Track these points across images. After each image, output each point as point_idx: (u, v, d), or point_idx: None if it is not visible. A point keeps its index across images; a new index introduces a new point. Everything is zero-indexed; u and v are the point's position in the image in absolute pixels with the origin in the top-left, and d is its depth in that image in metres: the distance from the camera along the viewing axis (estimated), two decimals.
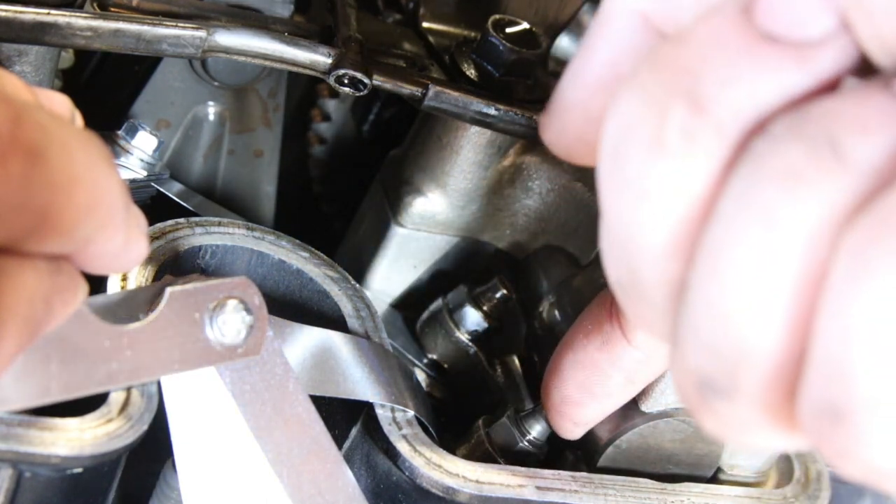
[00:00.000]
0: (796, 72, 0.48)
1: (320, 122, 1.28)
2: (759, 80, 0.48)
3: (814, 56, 0.48)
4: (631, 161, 0.50)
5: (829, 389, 0.43)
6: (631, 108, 0.51)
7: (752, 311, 0.46)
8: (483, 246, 1.11)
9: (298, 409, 0.76)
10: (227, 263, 0.90)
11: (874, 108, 0.45)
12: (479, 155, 1.06)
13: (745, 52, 0.48)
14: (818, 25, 0.47)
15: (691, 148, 0.49)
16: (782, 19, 0.48)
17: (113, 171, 0.54)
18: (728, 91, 0.48)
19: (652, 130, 0.49)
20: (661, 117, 0.49)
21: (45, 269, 0.52)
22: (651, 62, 0.51)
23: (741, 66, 0.48)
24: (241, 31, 0.90)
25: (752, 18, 0.48)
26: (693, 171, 0.49)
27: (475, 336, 1.03)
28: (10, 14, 0.81)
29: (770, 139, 0.47)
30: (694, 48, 0.49)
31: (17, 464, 0.70)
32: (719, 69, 0.48)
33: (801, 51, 0.48)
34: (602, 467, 0.90)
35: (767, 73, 0.48)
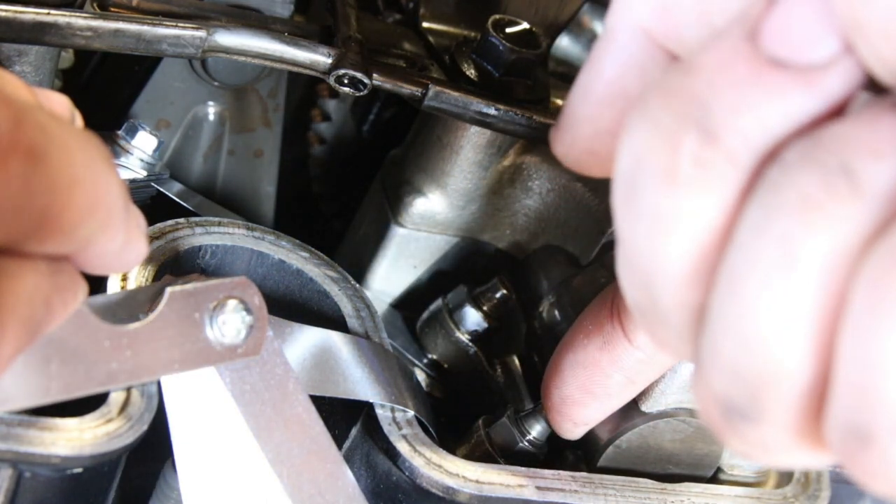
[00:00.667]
0: (805, 96, 0.48)
1: (320, 122, 1.28)
2: (768, 107, 0.48)
3: (821, 79, 0.48)
4: (645, 192, 0.50)
5: (855, 414, 0.44)
6: (642, 140, 0.51)
7: (774, 339, 0.46)
8: (483, 246, 1.11)
9: (298, 409, 0.76)
10: (227, 263, 0.90)
11: (885, 131, 0.45)
12: (479, 155, 1.06)
13: (754, 79, 0.48)
14: (823, 49, 0.48)
15: (705, 178, 0.49)
16: (787, 44, 0.48)
17: (113, 172, 0.54)
18: (738, 119, 0.48)
19: (664, 161, 0.50)
20: (673, 148, 0.49)
21: (45, 270, 0.52)
22: (660, 91, 0.51)
23: (750, 94, 0.48)
24: (241, 31, 0.90)
25: (757, 44, 0.49)
26: (708, 201, 0.49)
27: (475, 336, 1.03)
28: (10, 14, 0.81)
29: (784, 167, 0.47)
30: (702, 76, 0.50)
31: (17, 464, 0.70)
32: (728, 97, 0.49)
33: (808, 75, 0.48)
34: (602, 467, 0.90)
35: (776, 100, 0.48)
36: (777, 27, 0.48)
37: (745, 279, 0.47)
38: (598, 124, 0.59)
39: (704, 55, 0.50)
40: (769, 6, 0.49)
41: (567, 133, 0.61)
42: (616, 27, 0.57)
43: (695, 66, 0.50)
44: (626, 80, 0.57)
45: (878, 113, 0.46)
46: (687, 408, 0.89)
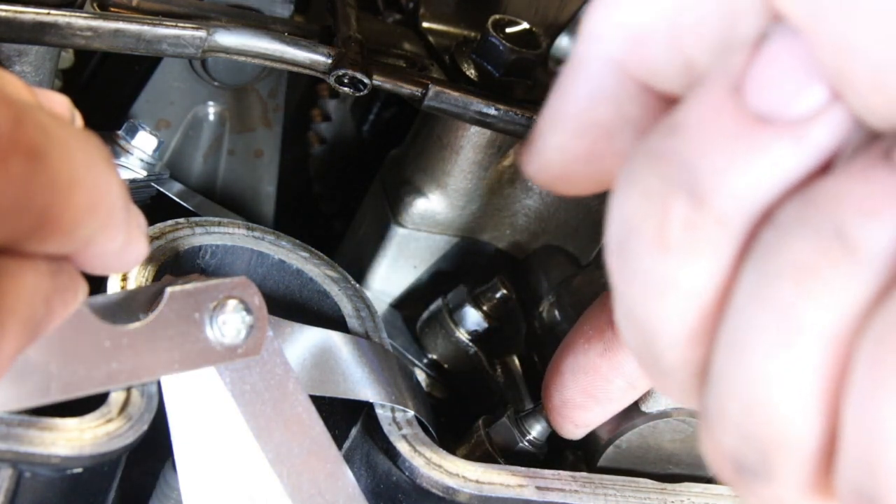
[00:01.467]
0: (795, 152, 0.46)
1: (320, 122, 1.28)
2: (757, 167, 0.47)
3: (810, 132, 0.46)
4: (637, 258, 0.49)
5: (862, 478, 0.43)
6: (631, 205, 0.50)
7: (780, 405, 0.45)
8: (483, 246, 1.11)
9: (298, 409, 0.76)
10: (227, 263, 0.90)
11: (877, 184, 0.44)
12: (479, 155, 1.06)
13: (740, 138, 0.47)
14: (810, 100, 0.46)
15: (696, 243, 0.48)
16: (772, 98, 0.46)
17: (113, 172, 0.54)
18: (727, 181, 0.47)
19: (654, 228, 0.48)
20: (662, 214, 0.48)
21: (45, 270, 0.52)
22: (646, 154, 0.49)
23: (737, 154, 0.47)
24: (241, 31, 0.90)
25: (742, 98, 0.47)
26: (701, 266, 0.48)
27: (475, 336, 1.03)
28: (10, 14, 0.81)
29: (778, 231, 0.46)
30: (687, 136, 0.48)
31: (17, 464, 0.70)
32: (715, 158, 0.47)
33: (796, 129, 0.46)
34: (602, 467, 0.90)
35: (765, 159, 0.46)
36: (761, 80, 0.47)
37: (746, 348, 0.46)
38: (569, 153, 0.57)
39: (688, 111, 0.48)
40: (752, 56, 0.47)
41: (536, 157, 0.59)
42: (586, 58, 0.55)
43: (679, 125, 0.48)
44: (597, 111, 0.55)
45: (869, 164, 0.44)
46: (687, 408, 0.89)
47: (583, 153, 0.56)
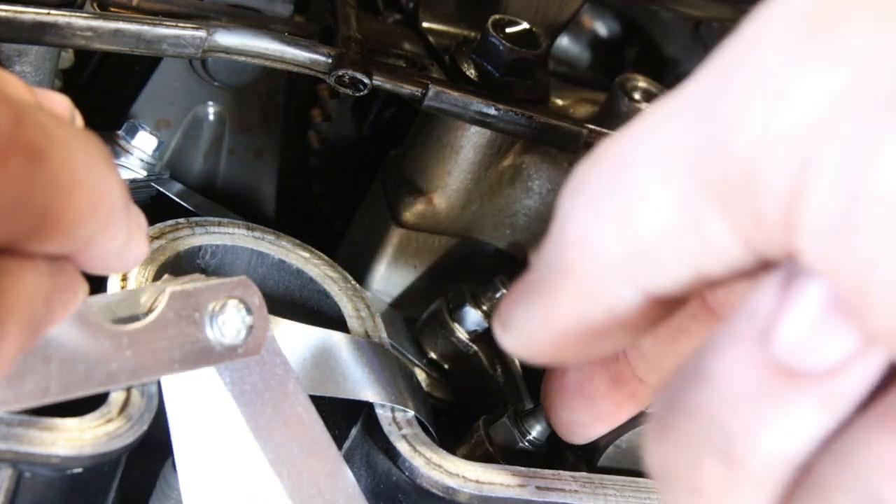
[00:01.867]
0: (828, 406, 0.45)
1: (320, 122, 1.28)
2: (789, 425, 0.45)
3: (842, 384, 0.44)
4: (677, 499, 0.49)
5: None
6: (665, 455, 0.48)
7: None
8: (483, 246, 1.11)
9: (298, 409, 0.76)
10: (227, 263, 0.90)
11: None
12: (479, 155, 1.06)
13: (769, 394, 0.45)
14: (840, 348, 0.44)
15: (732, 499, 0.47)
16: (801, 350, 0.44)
17: (113, 171, 0.54)
18: (759, 441, 0.45)
19: (690, 482, 0.48)
20: (696, 472, 0.47)
21: (45, 270, 0.52)
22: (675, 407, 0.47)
23: (768, 412, 0.45)
24: (241, 31, 0.90)
25: (768, 349, 0.45)
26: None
27: (475, 336, 1.03)
28: (10, 14, 0.81)
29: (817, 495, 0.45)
30: (715, 391, 0.46)
31: (17, 464, 0.70)
32: (745, 417, 0.45)
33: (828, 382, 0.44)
34: (602, 467, 0.90)
35: (797, 416, 0.45)
36: (788, 329, 0.44)
37: None
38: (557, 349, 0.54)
39: (714, 360, 0.46)
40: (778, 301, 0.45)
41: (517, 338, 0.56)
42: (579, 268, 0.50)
43: (707, 375, 0.46)
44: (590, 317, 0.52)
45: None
46: None
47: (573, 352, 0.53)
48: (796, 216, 0.43)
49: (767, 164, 0.43)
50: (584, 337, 0.52)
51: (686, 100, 0.46)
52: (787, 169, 0.42)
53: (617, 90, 1.08)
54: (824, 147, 0.42)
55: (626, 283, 0.49)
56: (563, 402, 0.82)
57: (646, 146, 0.47)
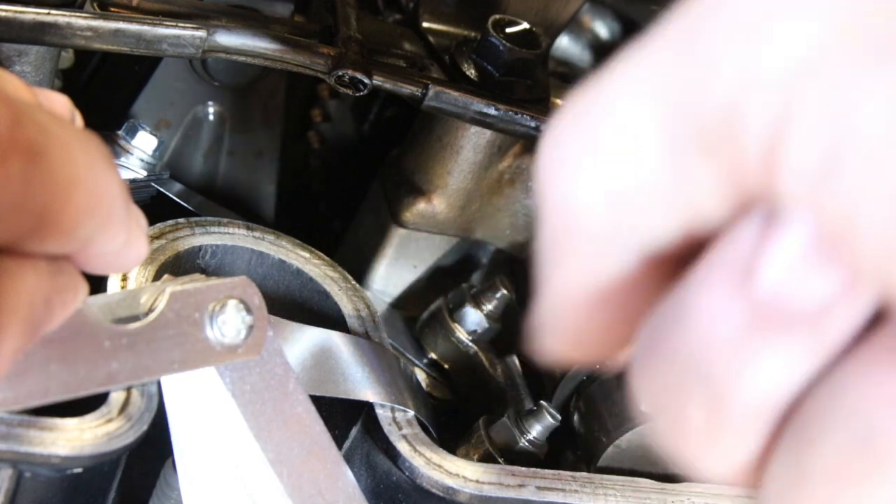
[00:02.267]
0: (815, 346, 0.43)
1: (320, 122, 1.28)
2: (776, 367, 0.44)
3: (830, 321, 0.43)
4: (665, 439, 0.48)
5: None
6: (651, 400, 0.47)
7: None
8: (483, 246, 1.11)
9: (298, 409, 0.76)
10: (227, 263, 0.90)
11: None
12: (479, 155, 1.06)
13: (753, 333, 0.43)
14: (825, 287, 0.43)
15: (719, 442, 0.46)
16: (785, 289, 0.43)
17: (113, 171, 0.54)
18: (741, 385, 0.44)
19: (675, 424, 0.47)
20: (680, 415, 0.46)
21: (45, 269, 0.52)
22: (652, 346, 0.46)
23: (752, 351, 0.44)
24: (241, 31, 0.90)
25: (752, 287, 0.43)
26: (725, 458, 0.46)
27: (475, 336, 1.03)
28: (10, 14, 0.81)
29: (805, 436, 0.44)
30: (697, 330, 0.45)
31: (17, 464, 0.70)
32: (727, 360, 0.44)
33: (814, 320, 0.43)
34: (602, 467, 0.90)
35: (783, 357, 0.43)
36: (772, 266, 0.43)
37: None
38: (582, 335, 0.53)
39: (694, 297, 0.45)
40: (762, 235, 0.43)
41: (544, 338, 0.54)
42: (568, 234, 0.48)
43: (688, 312, 0.45)
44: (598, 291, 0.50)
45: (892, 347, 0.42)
46: None
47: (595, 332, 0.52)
48: (777, 161, 0.42)
49: (747, 107, 0.42)
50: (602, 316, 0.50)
51: (663, 42, 0.45)
52: (767, 113, 0.42)
53: None
54: (806, 91, 0.41)
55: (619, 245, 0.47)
56: None
57: (624, 93, 0.45)
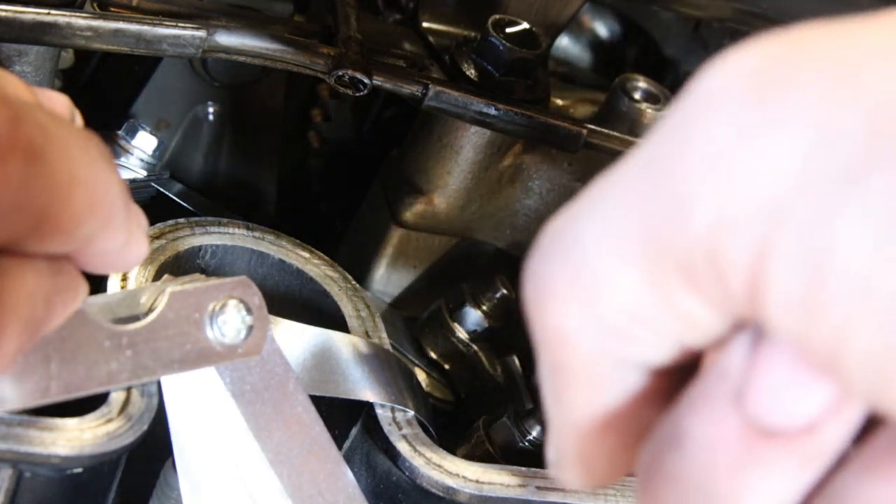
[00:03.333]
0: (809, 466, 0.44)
1: (320, 122, 1.28)
2: (771, 487, 0.45)
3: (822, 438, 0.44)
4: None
5: None
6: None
7: None
8: (483, 246, 1.11)
9: (298, 409, 0.76)
10: (227, 263, 0.90)
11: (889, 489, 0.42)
12: (479, 155, 1.06)
13: (748, 456, 0.44)
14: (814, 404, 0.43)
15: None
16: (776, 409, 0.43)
17: (113, 171, 0.54)
18: None
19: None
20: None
21: (45, 269, 0.52)
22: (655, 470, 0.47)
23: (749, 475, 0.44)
24: (241, 31, 0.90)
25: (744, 409, 0.44)
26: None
27: (475, 336, 1.03)
28: (10, 14, 0.81)
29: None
30: (694, 456, 0.45)
31: (17, 464, 0.70)
32: (727, 481, 0.45)
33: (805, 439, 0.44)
34: None
35: (778, 477, 0.44)
36: (762, 390, 0.43)
37: None
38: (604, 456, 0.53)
39: (690, 422, 0.45)
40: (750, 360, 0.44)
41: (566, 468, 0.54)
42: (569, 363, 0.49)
43: (684, 437, 0.46)
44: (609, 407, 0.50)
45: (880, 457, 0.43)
46: None
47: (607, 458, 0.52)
48: (761, 293, 0.42)
49: (726, 241, 0.42)
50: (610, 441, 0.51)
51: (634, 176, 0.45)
52: (747, 248, 0.42)
53: (617, 90, 1.08)
54: (783, 224, 0.41)
55: (620, 365, 0.48)
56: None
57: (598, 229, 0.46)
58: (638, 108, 1.06)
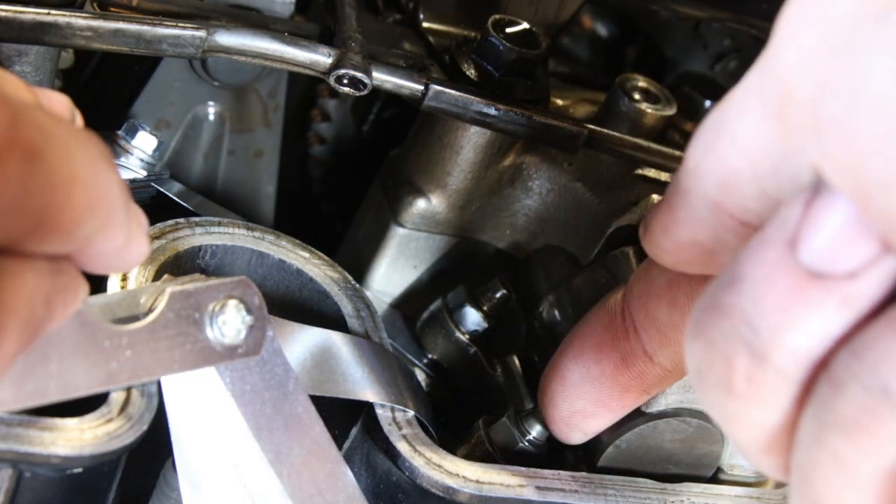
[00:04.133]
0: (847, 307, 0.50)
1: (320, 122, 1.28)
2: (812, 324, 0.51)
3: (862, 286, 0.50)
4: (710, 396, 0.55)
5: None
6: (700, 356, 0.55)
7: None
8: (483, 246, 1.11)
9: (298, 409, 0.76)
10: (227, 263, 0.90)
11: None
12: (479, 155, 1.06)
13: (796, 295, 0.51)
14: (861, 253, 0.50)
15: (759, 393, 0.53)
16: (825, 255, 0.50)
17: (113, 171, 0.54)
18: (784, 338, 0.51)
19: (721, 378, 0.54)
20: (727, 368, 0.53)
21: (45, 269, 0.52)
22: (710, 309, 0.54)
23: (794, 311, 0.51)
24: (241, 31, 0.90)
25: (795, 254, 0.51)
26: (764, 411, 0.54)
27: (475, 336, 1.03)
28: (10, 14, 0.81)
29: (832, 385, 0.50)
30: (745, 292, 0.52)
31: (17, 464, 0.70)
32: (773, 316, 0.51)
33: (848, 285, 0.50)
34: (602, 467, 0.90)
35: (819, 315, 0.51)
36: (813, 238, 0.51)
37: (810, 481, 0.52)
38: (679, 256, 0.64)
39: (747, 264, 0.53)
40: (806, 211, 0.51)
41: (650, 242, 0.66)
42: (687, 191, 0.60)
43: (739, 278, 0.53)
44: (700, 238, 0.61)
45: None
46: (687, 408, 0.89)
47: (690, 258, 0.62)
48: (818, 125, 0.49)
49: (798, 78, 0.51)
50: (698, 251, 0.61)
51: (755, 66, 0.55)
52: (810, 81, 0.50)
53: (617, 90, 1.08)
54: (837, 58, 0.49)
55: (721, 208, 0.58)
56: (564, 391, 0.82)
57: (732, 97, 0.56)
58: (638, 108, 1.07)
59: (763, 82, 0.53)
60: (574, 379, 0.82)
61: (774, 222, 0.53)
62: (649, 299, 0.75)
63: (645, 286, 0.76)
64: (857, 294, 0.50)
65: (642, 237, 0.67)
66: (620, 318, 0.79)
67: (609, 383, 0.80)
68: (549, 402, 0.84)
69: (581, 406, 0.82)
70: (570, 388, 0.82)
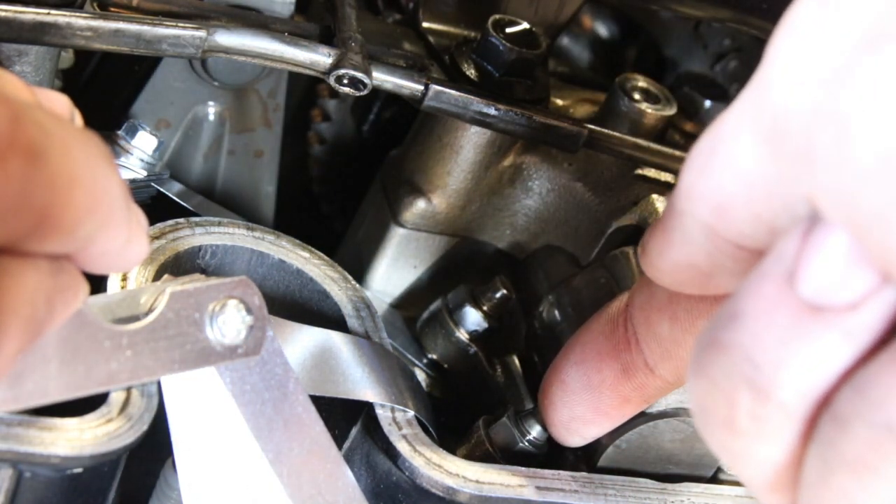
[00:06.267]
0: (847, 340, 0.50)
1: (320, 122, 1.28)
2: (813, 358, 0.50)
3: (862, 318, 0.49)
4: (714, 434, 0.55)
5: None
6: (701, 391, 0.54)
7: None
8: (483, 246, 1.11)
9: (298, 409, 0.76)
10: (227, 263, 0.90)
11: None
12: (479, 155, 1.06)
13: (795, 329, 0.50)
14: (859, 286, 0.49)
15: (762, 430, 0.52)
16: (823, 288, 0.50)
17: (113, 171, 0.54)
18: (786, 374, 0.51)
19: (724, 416, 0.53)
20: (729, 405, 0.53)
21: (46, 269, 0.52)
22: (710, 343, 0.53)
23: (793, 346, 0.50)
24: (241, 31, 0.90)
25: (794, 287, 0.50)
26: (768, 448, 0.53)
27: (475, 336, 1.03)
28: (10, 14, 0.81)
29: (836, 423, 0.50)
30: (746, 327, 0.52)
31: (17, 464, 0.70)
32: (773, 351, 0.51)
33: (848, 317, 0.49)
34: (602, 467, 0.90)
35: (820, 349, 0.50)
36: (811, 271, 0.50)
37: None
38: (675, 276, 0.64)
39: (747, 299, 0.52)
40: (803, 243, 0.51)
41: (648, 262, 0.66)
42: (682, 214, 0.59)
43: (739, 314, 0.52)
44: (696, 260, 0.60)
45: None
46: (687, 408, 0.89)
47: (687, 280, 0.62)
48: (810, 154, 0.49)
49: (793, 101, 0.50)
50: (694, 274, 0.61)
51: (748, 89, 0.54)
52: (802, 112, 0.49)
53: (617, 90, 1.08)
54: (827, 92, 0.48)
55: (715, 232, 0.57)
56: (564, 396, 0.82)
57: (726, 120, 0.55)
58: (638, 108, 1.07)
59: (756, 109, 0.53)
60: (575, 386, 0.81)
61: (772, 255, 0.52)
62: (651, 312, 0.75)
63: (647, 299, 0.75)
64: (858, 326, 0.49)
65: (640, 258, 0.67)
66: (623, 328, 0.79)
67: (609, 393, 0.80)
68: (549, 406, 0.84)
69: (581, 412, 0.82)
70: (571, 394, 0.82)
